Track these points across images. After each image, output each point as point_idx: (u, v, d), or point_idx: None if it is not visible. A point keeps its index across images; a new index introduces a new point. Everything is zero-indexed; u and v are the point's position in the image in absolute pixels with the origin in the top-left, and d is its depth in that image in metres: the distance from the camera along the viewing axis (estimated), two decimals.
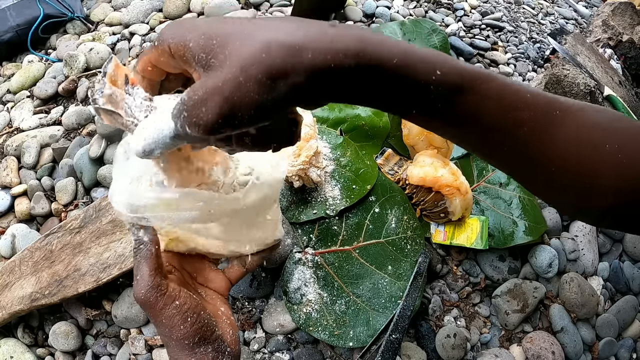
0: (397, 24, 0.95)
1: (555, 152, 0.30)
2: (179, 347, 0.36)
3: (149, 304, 0.35)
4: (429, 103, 0.27)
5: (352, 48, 0.24)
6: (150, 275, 0.35)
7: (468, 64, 0.29)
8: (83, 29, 1.09)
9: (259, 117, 0.24)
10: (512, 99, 0.29)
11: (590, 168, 0.30)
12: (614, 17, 1.20)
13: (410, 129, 0.75)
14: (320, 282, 0.64)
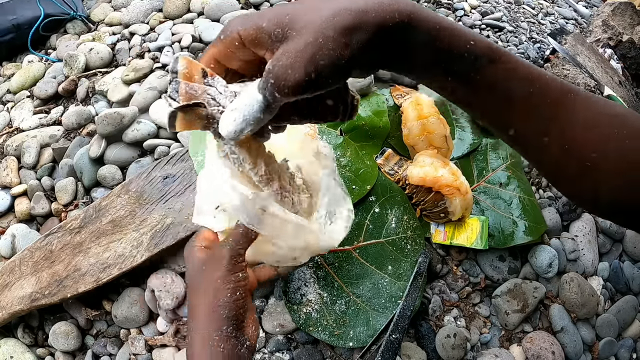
0: None
1: (569, 131, 0.32)
2: (209, 316, 0.39)
3: (221, 261, 0.40)
4: (460, 68, 0.31)
5: (405, 10, 0.28)
6: (241, 244, 0.40)
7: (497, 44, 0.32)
8: (83, 29, 1.09)
9: (338, 74, 0.28)
10: (534, 74, 0.32)
11: (595, 149, 0.32)
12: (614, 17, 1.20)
13: (411, 129, 0.75)
14: (320, 282, 0.64)
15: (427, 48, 0.30)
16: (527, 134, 0.34)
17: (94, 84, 0.91)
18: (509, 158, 0.82)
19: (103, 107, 0.86)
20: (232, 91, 0.33)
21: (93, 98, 0.89)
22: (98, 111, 0.85)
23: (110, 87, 0.88)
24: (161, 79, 0.85)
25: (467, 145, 0.82)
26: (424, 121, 0.73)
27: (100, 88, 0.89)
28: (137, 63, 0.89)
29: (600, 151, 0.31)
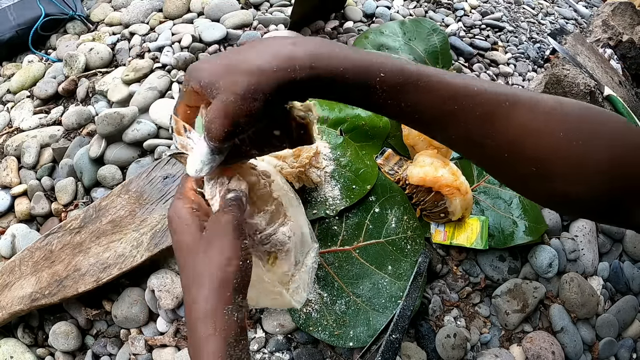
0: (397, 24, 0.95)
1: (506, 139, 0.33)
2: (221, 286, 0.37)
3: (227, 229, 0.38)
4: (379, 100, 0.34)
5: (306, 62, 0.32)
6: (240, 216, 0.39)
7: (418, 65, 0.34)
8: (83, 29, 1.09)
9: (252, 121, 0.33)
10: (451, 91, 0.33)
11: (544, 155, 0.32)
12: (614, 17, 1.20)
13: (411, 129, 0.75)
14: (320, 282, 0.64)
15: (335, 88, 0.33)
16: (462, 146, 0.36)
17: (94, 84, 0.91)
18: None
19: (103, 107, 0.86)
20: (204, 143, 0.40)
21: (93, 98, 0.89)
22: (98, 111, 0.85)
23: (110, 87, 0.88)
24: (161, 79, 0.85)
25: None
26: None
27: (100, 88, 0.89)
28: (137, 63, 0.89)
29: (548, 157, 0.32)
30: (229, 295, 0.37)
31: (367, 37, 0.92)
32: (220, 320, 0.36)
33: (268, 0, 1.08)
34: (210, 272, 0.37)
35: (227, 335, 0.36)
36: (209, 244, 0.38)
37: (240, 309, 0.37)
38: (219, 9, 1.00)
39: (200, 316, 0.37)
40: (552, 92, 0.93)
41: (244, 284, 0.38)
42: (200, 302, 0.37)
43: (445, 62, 0.92)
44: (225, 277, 0.37)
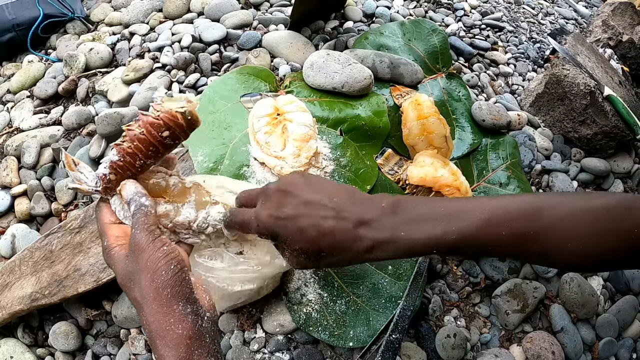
0: (397, 24, 0.95)
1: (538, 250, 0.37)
2: (157, 303, 0.37)
3: (139, 245, 0.38)
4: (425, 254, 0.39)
5: (367, 246, 0.39)
6: (146, 222, 0.40)
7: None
8: (83, 29, 1.09)
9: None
10: (492, 234, 0.37)
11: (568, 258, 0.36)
12: (614, 17, 1.20)
13: (411, 129, 0.75)
14: (320, 282, 0.64)
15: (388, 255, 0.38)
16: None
17: (94, 84, 0.91)
18: (509, 158, 0.82)
19: (103, 107, 0.86)
20: (92, 173, 0.44)
21: (93, 98, 0.89)
22: (98, 111, 0.85)
23: (110, 87, 0.88)
24: (161, 79, 0.85)
25: (467, 145, 0.82)
26: (423, 121, 0.73)
27: (100, 88, 0.89)
28: (137, 63, 0.89)
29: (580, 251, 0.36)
30: (166, 309, 0.36)
31: (367, 38, 0.92)
32: (168, 338, 0.36)
33: (268, 0, 1.08)
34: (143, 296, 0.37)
35: (177, 352, 0.35)
36: (134, 269, 0.38)
37: (185, 317, 0.37)
38: (219, 9, 1.00)
39: (152, 338, 0.37)
40: (552, 92, 0.93)
41: (178, 291, 0.37)
42: (148, 325, 0.37)
43: (445, 62, 0.92)
44: (155, 295, 0.37)
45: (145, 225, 0.40)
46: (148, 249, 0.38)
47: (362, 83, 0.78)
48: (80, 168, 0.44)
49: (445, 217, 0.36)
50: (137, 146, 0.41)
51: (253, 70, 0.81)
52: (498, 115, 0.85)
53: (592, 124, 0.88)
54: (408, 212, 0.38)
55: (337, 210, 0.39)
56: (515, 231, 0.35)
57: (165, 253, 0.38)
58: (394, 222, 0.37)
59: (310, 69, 0.79)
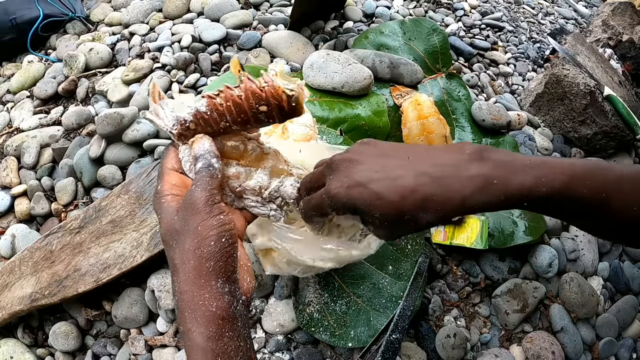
0: (397, 23, 0.95)
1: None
2: (196, 273, 0.34)
3: (195, 205, 0.35)
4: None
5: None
6: (210, 183, 0.36)
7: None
8: (83, 29, 1.09)
9: None
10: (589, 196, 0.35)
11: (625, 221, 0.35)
12: (614, 17, 1.20)
13: (410, 129, 0.75)
14: (321, 282, 0.64)
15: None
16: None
17: (93, 84, 0.91)
18: None
19: (103, 107, 0.86)
20: (173, 114, 0.42)
21: (93, 98, 0.89)
22: (98, 111, 0.85)
23: (110, 87, 0.88)
24: (161, 79, 0.85)
25: None
26: (423, 121, 0.73)
27: (100, 88, 0.89)
28: (136, 63, 0.89)
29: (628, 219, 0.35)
30: (204, 282, 0.33)
31: (367, 37, 0.92)
32: (199, 313, 0.33)
33: (268, 0, 1.08)
34: (183, 260, 0.34)
35: (207, 330, 0.33)
36: (181, 228, 0.35)
37: (222, 296, 0.34)
38: (218, 9, 1.00)
39: (181, 309, 0.34)
40: (552, 92, 0.93)
41: (222, 266, 0.34)
42: (180, 293, 0.34)
43: (445, 62, 0.92)
44: (197, 264, 0.34)
45: (208, 187, 0.36)
46: (203, 212, 0.35)
47: (362, 83, 0.78)
48: (163, 104, 0.42)
49: (531, 170, 0.34)
50: (229, 107, 0.39)
51: (253, 69, 0.81)
52: (498, 115, 0.85)
53: (592, 123, 0.88)
54: (496, 159, 0.35)
55: (414, 166, 0.35)
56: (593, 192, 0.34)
57: (220, 222, 0.35)
58: (483, 170, 0.34)
59: (310, 69, 0.79)
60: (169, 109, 0.41)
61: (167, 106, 0.41)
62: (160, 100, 0.42)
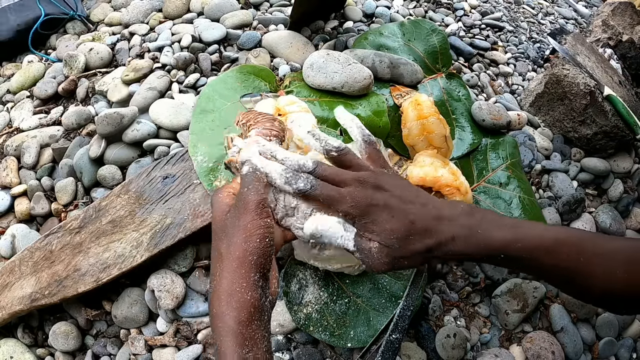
0: (396, 25, 0.95)
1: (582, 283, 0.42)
2: (239, 263, 0.39)
3: (247, 206, 0.40)
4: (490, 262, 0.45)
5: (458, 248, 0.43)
6: (259, 187, 0.42)
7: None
8: (83, 29, 1.09)
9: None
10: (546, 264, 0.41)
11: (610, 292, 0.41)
12: (614, 17, 1.20)
13: (410, 129, 0.75)
14: (320, 282, 0.64)
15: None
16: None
17: (93, 84, 0.91)
18: (509, 158, 0.82)
19: (103, 107, 0.86)
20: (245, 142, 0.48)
21: (93, 98, 0.89)
22: (98, 111, 0.85)
23: (110, 87, 0.88)
24: (161, 79, 0.85)
25: (467, 145, 0.82)
26: (423, 121, 0.73)
27: (100, 88, 0.89)
28: (137, 63, 0.89)
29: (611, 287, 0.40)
30: (244, 272, 0.38)
31: (367, 38, 0.92)
32: (234, 299, 0.38)
33: (268, 0, 1.08)
34: (229, 251, 0.39)
35: (239, 315, 0.37)
36: (232, 223, 0.40)
37: (256, 288, 0.38)
38: (218, 9, 1.00)
39: (218, 293, 0.38)
40: (552, 92, 0.93)
41: (262, 263, 0.39)
42: (220, 278, 0.39)
43: (445, 63, 0.92)
44: (241, 255, 0.39)
45: (259, 191, 0.41)
46: (254, 213, 0.40)
47: (362, 83, 0.78)
48: (235, 141, 0.49)
49: (512, 227, 0.41)
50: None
51: (253, 69, 0.81)
52: (498, 115, 0.85)
53: (592, 123, 0.88)
54: (482, 216, 0.43)
55: (423, 205, 0.43)
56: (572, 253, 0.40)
57: (266, 224, 0.40)
58: (471, 222, 0.42)
59: (310, 69, 0.79)
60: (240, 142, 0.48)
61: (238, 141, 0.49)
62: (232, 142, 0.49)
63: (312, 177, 0.44)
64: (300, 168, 0.44)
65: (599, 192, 0.89)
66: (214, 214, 0.43)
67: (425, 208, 0.43)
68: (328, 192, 0.43)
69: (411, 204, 0.43)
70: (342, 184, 0.44)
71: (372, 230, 0.42)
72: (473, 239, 0.41)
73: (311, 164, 0.45)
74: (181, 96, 0.84)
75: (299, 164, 0.44)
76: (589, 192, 0.88)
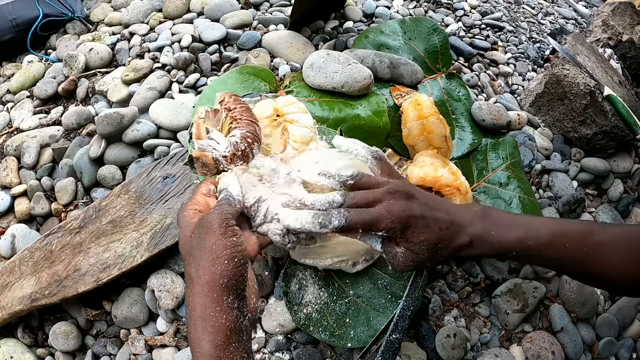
0: (397, 22, 0.95)
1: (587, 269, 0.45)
2: (210, 287, 0.37)
3: (210, 226, 0.39)
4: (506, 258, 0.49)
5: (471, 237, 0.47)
6: (227, 210, 0.41)
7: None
8: (83, 29, 1.09)
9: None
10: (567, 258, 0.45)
11: (611, 277, 0.45)
12: (614, 17, 1.20)
13: (410, 129, 0.75)
14: (320, 282, 0.64)
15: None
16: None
17: (93, 84, 0.91)
18: (509, 158, 0.82)
19: (103, 107, 0.86)
20: (226, 139, 0.48)
21: (93, 98, 0.89)
22: (98, 111, 0.85)
23: (110, 87, 0.88)
24: (161, 79, 0.85)
25: (467, 145, 0.82)
26: (423, 121, 0.73)
27: (100, 88, 0.89)
28: (136, 63, 0.89)
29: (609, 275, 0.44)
30: (216, 296, 0.37)
31: (367, 37, 0.92)
32: (209, 323, 0.36)
33: (268, 0, 1.08)
34: (198, 275, 0.38)
35: (215, 339, 0.36)
36: (198, 245, 0.39)
37: (231, 311, 0.37)
38: (218, 9, 1.00)
39: (193, 318, 0.37)
40: (552, 92, 0.93)
41: (234, 284, 0.38)
42: (193, 304, 0.38)
43: (445, 62, 0.92)
44: (211, 279, 0.37)
45: (225, 212, 0.40)
46: (217, 233, 0.38)
47: (362, 83, 0.78)
48: (212, 135, 0.49)
49: (522, 226, 0.45)
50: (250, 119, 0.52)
51: (253, 69, 0.81)
52: (498, 115, 0.85)
53: (592, 123, 0.88)
54: (495, 218, 0.46)
55: (447, 213, 0.46)
56: (575, 245, 0.44)
57: (233, 244, 0.38)
58: (485, 224, 0.45)
59: (310, 69, 0.79)
60: (220, 138, 0.49)
61: (217, 136, 0.49)
62: (208, 134, 0.49)
63: (343, 210, 0.44)
64: (331, 205, 0.45)
65: (599, 192, 0.89)
66: (180, 234, 0.41)
67: (448, 215, 0.46)
68: (363, 218, 0.44)
69: (437, 210, 0.46)
70: (374, 203, 0.45)
71: (409, 240, 0.45)
72: (488, 240, 0.44)
73: (340, 197, 0.45)
74: (181, 96, 0.84)
75: (329, 202, 0.45)
76: (589, 192, 0.88)
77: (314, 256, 0.59)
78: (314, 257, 0.59)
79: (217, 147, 0.48)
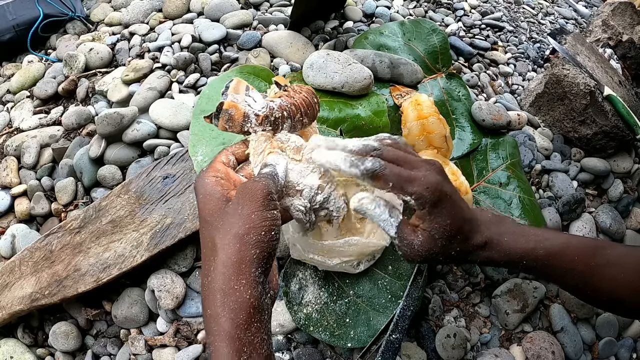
0: (397, 24, 0.95)
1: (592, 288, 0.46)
2: (238, 257, 0.34)
3: (255, 194, 0.36)
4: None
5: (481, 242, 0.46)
6: (271, 184, 0.39)
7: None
8: (83, 29, 1.09)
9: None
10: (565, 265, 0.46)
11: (617, 296, 0.45)
12: (614, 17, 1.20)
13: (410, 129, 0.75)
14: (320, 282, 0.64)
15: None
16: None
17: (93, 84, 0.91)
18: (509, 158, 0.82)
19: (103, 107, 0.86)
20: (264, 101, 0.47)
21: (93, 98, 0.89)
22: (98, 111, 0.85)
23: (110, 87, 0.88)
24: (161, 79, 0.85)
25: (467, 145, 0.82)
26: (423, 121, 0.73)
27: (100, 88, 0.89)
28: (137, 63, 0.89)
29: (620, 295, 0.44)
30: (244, 267, 0.33)
31: (367, 38, 0.92)
32: (231, 299, 0.33)
33: (268, 0, 1.08)
34: (227, 242, 0.34)
35: (237, 317, 0.33)
36: (233, 212, 0.36)
37: (257, 285, 0.34)
38: (218, 9, 1.00)
39: (213, 291, 0.34)
40: (552, 92, 0.93)
41: (265, 257, 0.35)
42: (214, 274, 0.34)
43: (445, 62, 0.92)
44: (242, 248, 0.34)
45: (270, 186, 0.38)
46: (259, 203, 0.36)
47: (362, 83, 0.78)
48: (251, 93, 0.48)
49: (534, 236, 0.46)
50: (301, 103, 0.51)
51: (253, 69, 0.81)
52: (498, 115, 0.85)
53: (592, 123, 0.88)
54: (509, 226, 0.47)
55: (468, 208, 0.46)
56: (585, 259, 0.44)
57: (274, 217, 0.36)
58: (499, 231, 0.46)
59: (310, 69, 0.79)
60: (258, 96, 0.48)
61: (256, 94, 0.48)
62: (248, 90, 0.48)
63: (379, 159, 0.42)
64: (365, 150, 0.43)
65: (599, 192, 0.89)
66: (200, 199, 0.38)
67: (469, 211, 0.45)
68: (400, 172, 0.41)
69: (463, 202, 0.45)
70: (409, 166, 0.43)
71: (434, 220, 0.42)
72: (501, 246, 0.45)
73: (376, 144, 0.43)
74: (181, 96, 0.84)
75: (364, 145, 0.43)
76: (589, 192, 0.88)
77: (321, 253, 0.58)
78: (322, 254, 0.58)
79: (253, 105, 0.46)
